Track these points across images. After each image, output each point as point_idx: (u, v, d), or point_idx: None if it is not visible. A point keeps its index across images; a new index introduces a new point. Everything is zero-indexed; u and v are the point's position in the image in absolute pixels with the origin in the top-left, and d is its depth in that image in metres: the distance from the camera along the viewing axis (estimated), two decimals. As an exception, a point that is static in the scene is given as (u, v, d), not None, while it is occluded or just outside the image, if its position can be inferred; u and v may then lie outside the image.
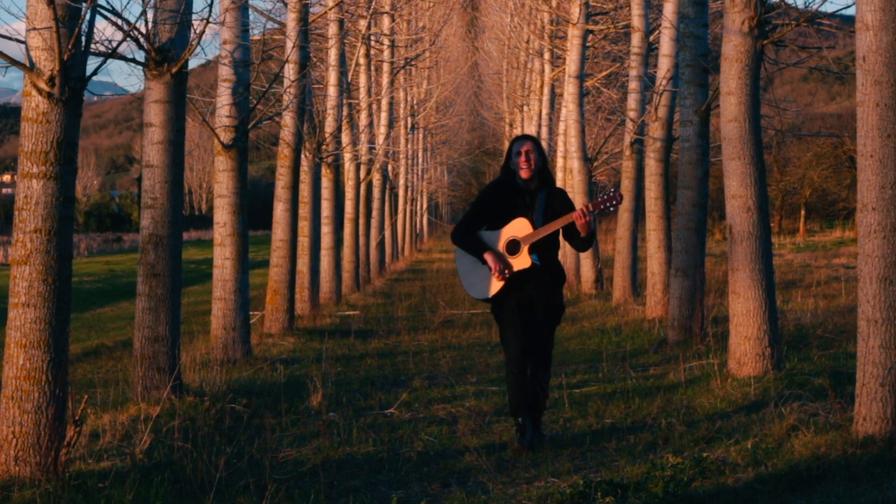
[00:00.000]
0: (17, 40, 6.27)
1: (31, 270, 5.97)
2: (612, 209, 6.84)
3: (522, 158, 7.01)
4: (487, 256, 6.95)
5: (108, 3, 7.46)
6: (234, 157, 11.12)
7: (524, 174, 6.99)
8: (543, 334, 7.03)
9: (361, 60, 22.43)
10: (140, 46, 8.13)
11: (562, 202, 7.08)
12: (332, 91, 18.36)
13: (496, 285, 6.96)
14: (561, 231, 7.02)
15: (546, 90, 27.64)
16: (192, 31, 8.48)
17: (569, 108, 20.73)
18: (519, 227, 6.95)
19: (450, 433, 7.65)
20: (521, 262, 6.93)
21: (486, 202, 7.13)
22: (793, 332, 11.74)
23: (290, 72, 14.35)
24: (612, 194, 6.87)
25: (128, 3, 8.75)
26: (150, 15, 8.13)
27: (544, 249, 6.99)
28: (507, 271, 6.90)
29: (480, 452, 6.81)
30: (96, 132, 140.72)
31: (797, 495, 5.71)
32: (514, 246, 6.95)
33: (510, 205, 7.04)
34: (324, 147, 17.22)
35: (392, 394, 9.31)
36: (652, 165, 15.09)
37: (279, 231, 14.57)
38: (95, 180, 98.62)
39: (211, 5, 8.61)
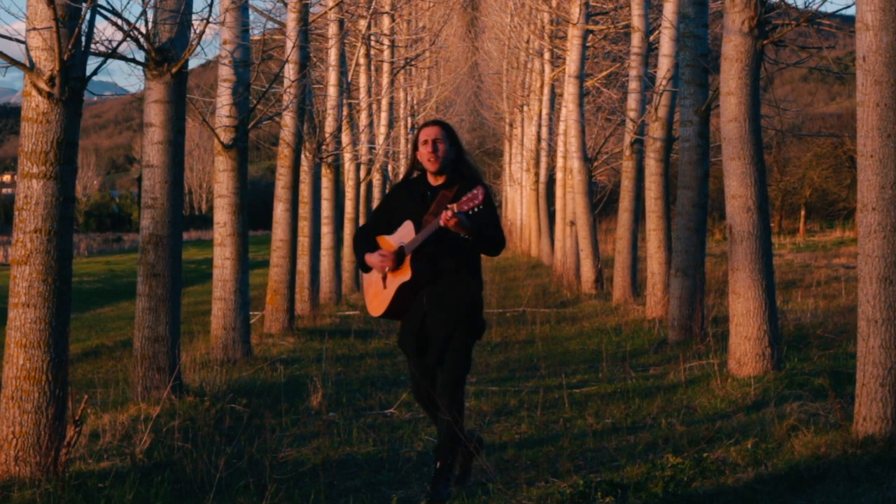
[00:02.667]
0: (17, 40, 6.27)
1: (31, 270, 5.97)
2: (477, 209, 5.58)
3: (428, 148, 5.82)
4: (368, 259, 5.90)
5: (108, 3, 7.47)
6: (234, 157, 11.12)
7: (430, 166, 5.83)
8: (440, 364, 5.85)
9: (361, 60, 22.43)
10: (140, 46, 8.13)
11: None
12: (332, 91, 18.36)
13: (385, 299, 5.89)
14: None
15: (546, 90, 27.67)
16: (192, 31, 8.48)
17: (569, 108, 20.73)
18: (405, 232, 5.85)
19: (450, 433, 7.64)
20: (403, 274, 5.80)
21: (389, 202, 6.06)
22: (793, 332, 11.74)
23: (290, 72, 14.35)
24: (474, 192, 5.61)
25: (128, 3, 8.76)
26: (150, 15, 8.14)
27: (446, 256, 5.79)
28: (386, 269, 5.83)
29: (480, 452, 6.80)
30: (96, 132, 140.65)
31: (797, 495, 5.71)
32: (400, 255, 5.84)
33: (409, 203, 5.92)
34: (324, 147, 17.22)
35: (392, 394, 9.31)
36: (652, 165, 15.09)
37: (279, 231, 14.57)
38: (95, 180, 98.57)
39: (211, 5, 8.61)
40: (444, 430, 5.75)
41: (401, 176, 38.69)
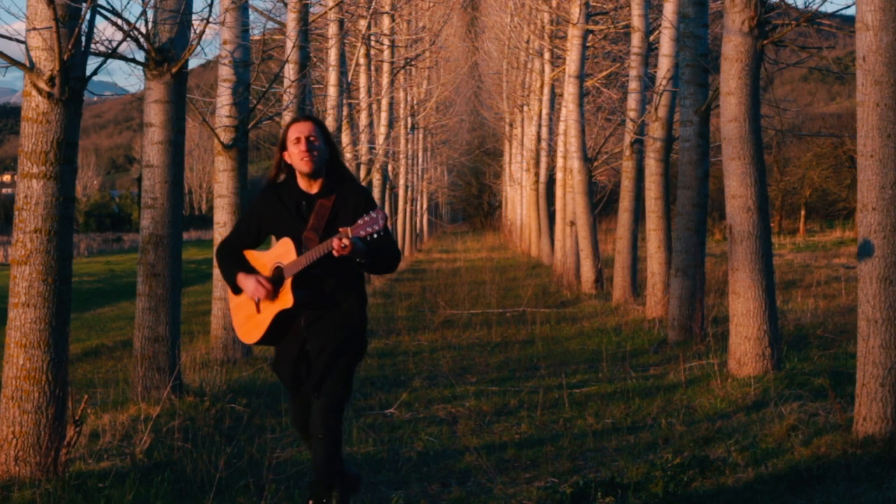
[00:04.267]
0: (17, 40, 6.28)
1: (31, 270, 5.97)
2: (376, 235, 4.86)
3: (302, 146, 5.10)
4: (239, 279, 5.15)
5: (108, 3, 7.47)
6: (234, 157, 11.13)
7: (305, 167, 5.10)
8: (314, 389, 5.10)
9: (361, 60, 22.43)
10: (140, 46, 8.13)
11: (354, 210, 5.08)
12: (332, 91, 18.36)
13: (260, 326, 5.15)
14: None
15: (546, 90, 27.66)
16: (192, 31, 8.48)
17: (569, 108, 20.73)
18: (284, 251, 5.10)
19: (450, 433, 7.65)
20: (283, 300, 5.08)
21: (257, 212, 5.29)
22: (793, 332, 11.75)
23: (290, 72, 14.34)
24: (373, 216, 4.88)
25: (128, 3, 8.76)
26: (150, 15, 8.14)
27: (329, 277, 5.09)
28: (259, 292, 5.09)
29: (480, 452, 6.81)
30: (96, 132, 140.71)
31: (797, 495, 5.71)
32: (279, 276, 5.13)
33: (283, 215, 5.18)
34: (324, 147, 17.19)
35: (392, 394, 9.31)
36: (652, 165, 15.09)
37: (279, 231, 14.55)
38: (95, 180, 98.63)
39: (211, 5, 8.61)
40: (319, 462, 5.07)
41: (398, 178, 37.71)
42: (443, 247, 49.37)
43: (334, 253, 4.85)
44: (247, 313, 5.20)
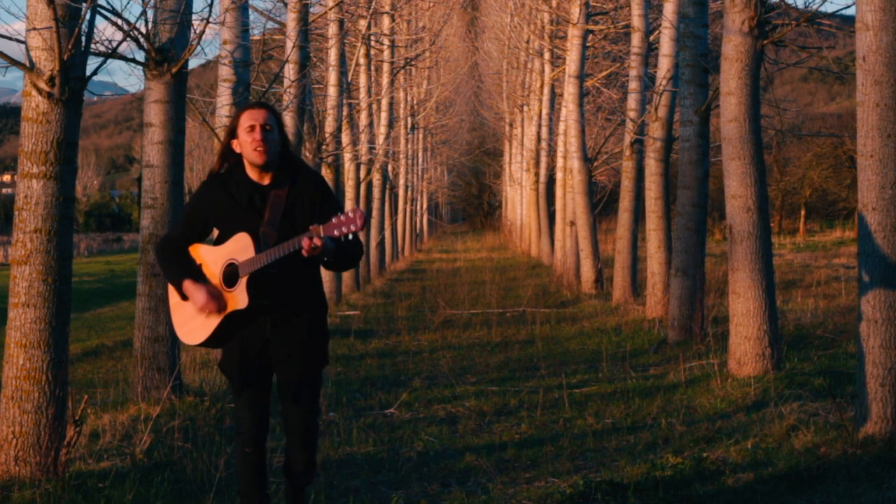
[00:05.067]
0: (17, 40, 6.28)
1: (31, 270, 5.97)
2: (351, 236, 4.50)
3: (257, 136, 4.71)
4: (187, 286, 4.73)
5: (108, 3, 7.48)
6: (234, 157, 11.12)
7: (258, 158, 4.71)
8: (292, 398, 4.96)
9: (361, 60, 22.42)
10: (140, 46, 8.14)
11: (311, 202, 4.78)
12: (332, 91, 18.36)
13: (206, 327, 4.76)
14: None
15: (546, 90, 27.67)
16: (192, 31, 8.49)
17: (569, 108, 20.73)
18: (240, 247, 4.71)
19: (450, 433, 7.65)
20: (236, 299, 4.70)
21: (202, 204, 4.86)
22: (793, 332, 11.75)
23: (290, 72, 14.35)
24: (351, 216, 4.50)
25: (128, 3, 8.77)
26: (150, 15, 8.14)
27: (291, 276, 4.74)
28: (210, 307, 4.70)
29: (480, 452, 6.81)
30: (96, 132, 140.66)
31: (797, 495, 5.71)
32: (231, 274, 4.74)
33: (232, 208, 4.78)
34: (324, 147, 17.22)
35: (392, 394, 9.31)
36: (652, 165, 15.08)
37: (279, 231, 14.52)
38: (95, 180, 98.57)
39: (211, 5, 8.61)
40: (302, 467, 5.01)
41: (398, 178, 37.43)
42: (443, 247, 49.37)
43: (304, 253, 4.52)
44: (190, 312, 4.81)
